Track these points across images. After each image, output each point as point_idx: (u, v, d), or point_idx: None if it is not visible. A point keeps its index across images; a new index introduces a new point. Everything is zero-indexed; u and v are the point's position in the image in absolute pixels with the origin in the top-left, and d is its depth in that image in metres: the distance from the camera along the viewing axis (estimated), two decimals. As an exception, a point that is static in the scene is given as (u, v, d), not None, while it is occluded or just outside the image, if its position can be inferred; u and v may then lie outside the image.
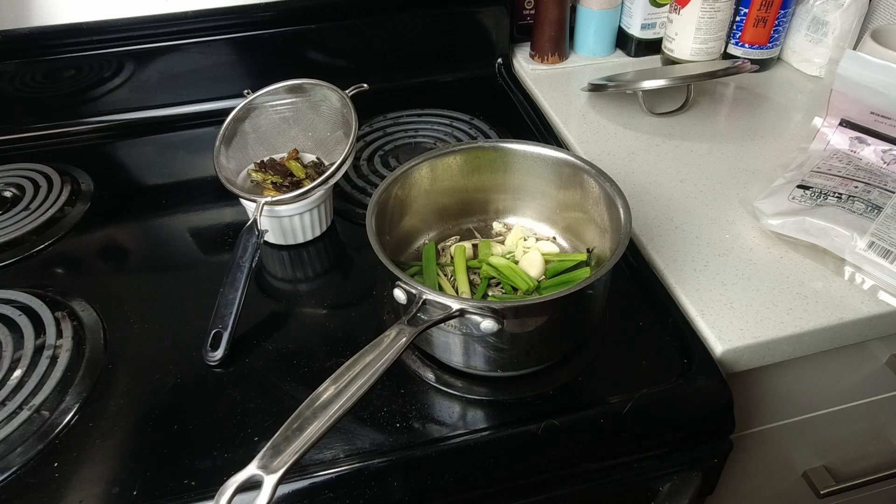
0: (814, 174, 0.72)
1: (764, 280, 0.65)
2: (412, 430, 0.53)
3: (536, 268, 0.63)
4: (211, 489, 0.44)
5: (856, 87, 0.73)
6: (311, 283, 0.69)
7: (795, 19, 0.96)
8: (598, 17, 1.00)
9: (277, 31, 0.91)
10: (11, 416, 0.54)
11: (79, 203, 0.78)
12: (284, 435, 0.41)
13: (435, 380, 0.57)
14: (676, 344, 0.60)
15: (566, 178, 0.64)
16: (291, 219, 0.69)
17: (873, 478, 0.84)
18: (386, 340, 0.46)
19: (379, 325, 0.62)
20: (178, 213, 0.77)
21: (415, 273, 0.64)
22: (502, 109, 0.96)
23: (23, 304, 0.64)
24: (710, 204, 0.74)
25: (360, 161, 0.85)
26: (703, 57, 0.95)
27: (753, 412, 0.72)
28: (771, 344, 0.60)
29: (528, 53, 1.05)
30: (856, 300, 0.62)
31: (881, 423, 0.83)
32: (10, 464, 0.51)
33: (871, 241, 0.62)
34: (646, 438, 0.56)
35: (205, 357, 0.58)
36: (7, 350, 0.59)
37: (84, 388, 0.57)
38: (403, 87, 0.99)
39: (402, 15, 0.95)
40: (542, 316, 0.52)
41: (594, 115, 0.91)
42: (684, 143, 0.85)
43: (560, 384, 0.57)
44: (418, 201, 0.65)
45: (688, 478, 0.58)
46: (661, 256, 0.68)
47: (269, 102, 0.76)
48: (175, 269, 0.70)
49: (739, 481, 0.83)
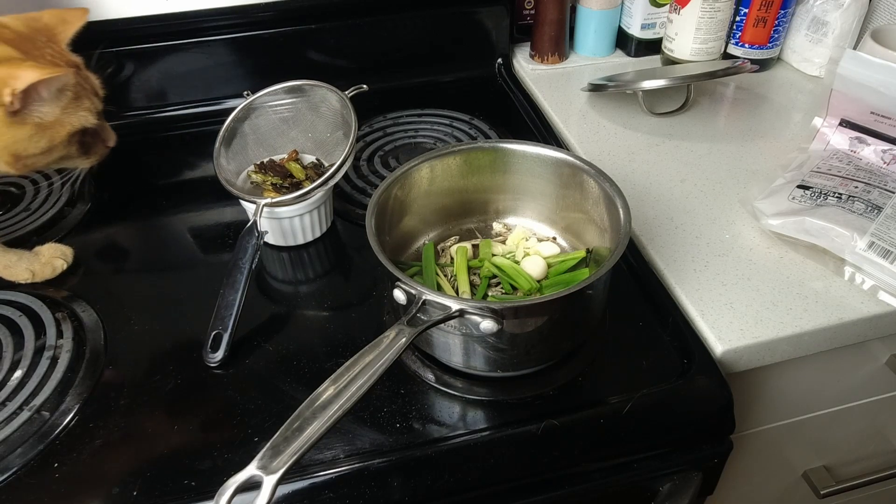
0: (814, 174, 0.72)
1: (764, 280, 0.65)
2: (412, 430, 0.53)
3: (538, 269, 0.63)
4: (211, 489, 0.44)
5: (856, 87, 0.73)
6: (312, 284, 0.69)
7: (795, 19, 0.96)
8: (598, 17, 1.00)
9: (277, 31, 0.91)
10: (12, 417, 0.54)
11: (79, 203, 0.78)
12: (284, 435, 0.41)
13: (435, 380, 0.57)
14: (676, 344, 0.60)
15: (566, 179, 0.64)
16: (291, 220, 0.69)
17: (873, 478, 0.84)
18: (385, 341, 0.46)
19: (379, 326, 0.62)
20: (179, 213, 0.77)
21: (415, 273, 0.64)
22: (502, 109, 0.96)
23: (23, 305, 0.64)
24: (710, 204, 0.74)
25: (360, 161, 0.85)
26: (703, 57, 0.95)
27: (753, 412, 0.72)
28: (771, 344, 0.60)
29: (528, 53, 1.05)
30: (856, 300, 0.62)
31: (881, 423, 0.83)
32: (11, 464, 0.51)
33: (871, 241, 0.62)
34: (646, 438, 0.56)
35: (205, 358, 0.58)
36: (7, 351, 0.60)
37: (84, 389, 0.57)
38: (403, 87, 0.99)
39: (402, 15, 0.95)
40: (541, 316, 0.52)
41: (594, 115, 0.91)
42: (684, 143, 0.85)
43: (560, 384, 0.57)
44: (418, 202, 0.65)
45: (688, 478, 0.58)
46: (661, 256, 0.68)
47: (269, 103, 0.76)
48: (175, 270, 0.70)
49: (739, 481, 0.83)
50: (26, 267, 0.65)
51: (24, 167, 0.57)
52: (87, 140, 0.60)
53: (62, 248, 0.68)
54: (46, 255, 0.67)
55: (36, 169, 0.60)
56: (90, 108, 0.58)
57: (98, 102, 0.60)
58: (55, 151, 0.58)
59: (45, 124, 0.55)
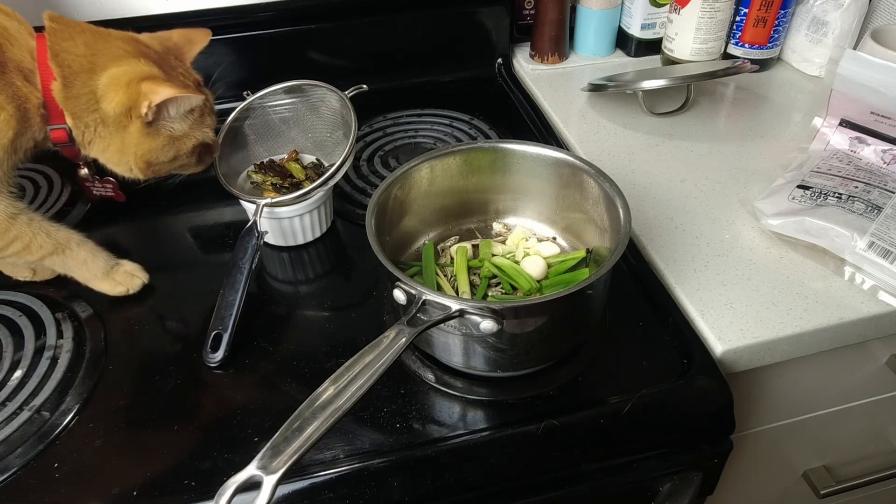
0: (814, 174, 0.72)
1: (764, 280, 0.65)
2: (412, 430, 0.53)
3: (538, 269, 0.63)
4: (211, 489, 0.44)
5: (856, 87, 0.73)
6: (312, 285, 0.69)
7: (795, 19, 0.96)
8: (598, 17, 1.00)
9: (277, 31, 0.91)
10: (12, 417, 0.54)
11: (79, 203, 0.78)
12: (284, 435, 0.41)
13: (435, 380, 0.57)
14: (676, 344, 0.60)
15: (566, 179, 0.64)
16: (291, 220, 0.69)
17: (873, 478, 0.84)
18: (385, 341, 0.46)
19: (379, 326, 0.62)
20: (179, 213, 0.77)
21: (415, 273, 0.64)
22: (502, 109, 0.96)
23: (23, 305, 0.64)
24: (710, 204, 0.74)
25: (360, 161, 0.85)
26: (703, 57, 0.95)
27: (753, 412, 0.72)
28: (771, 344, 0.60)
29: (528, 53, 1.05)
30: (856, 300, 0.62)
31: (881, 423, 0.83)
32: (11, 464, 0.51)
33: (871, 242, 0.62)
34: (646, 438, 0.56)
35: (205, 358, 0.58)
36: (7, 351, 0.60)
37: (84, 389, 0.57)
38: (403, 87, 0.99)
39: (402, 15, 0.95)
40: (541, 316, 0.52)
41: (594, 115, 0.91)
42: (684, 143, 0.85)
43: (560, 384, 0.57)
44: (418, 202, 0.65)
45: (688, 478, 0.58)
46: (661, 256, 0.68)
47: (269, 104, 0.76)
48: (175, 269, 0.70)
49: (739, 481, 0.83)
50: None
51: (153, 173, 0.64)
52: (203, 150, 0.66)
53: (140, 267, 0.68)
54: (128, 268, 0.67)
55: (159, 175, 0.65)
56: (211, 125, 0.65)
57: (215, 119, 0.66)
58: (178, 161, 0.64)
59: (176, 137, 0.62)
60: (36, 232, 0.61)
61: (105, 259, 0.65)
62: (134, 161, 0.61)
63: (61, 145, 0.62)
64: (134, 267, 0.67)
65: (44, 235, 0.61)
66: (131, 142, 0.60)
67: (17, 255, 0.61)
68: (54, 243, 0.62)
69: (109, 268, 0.65)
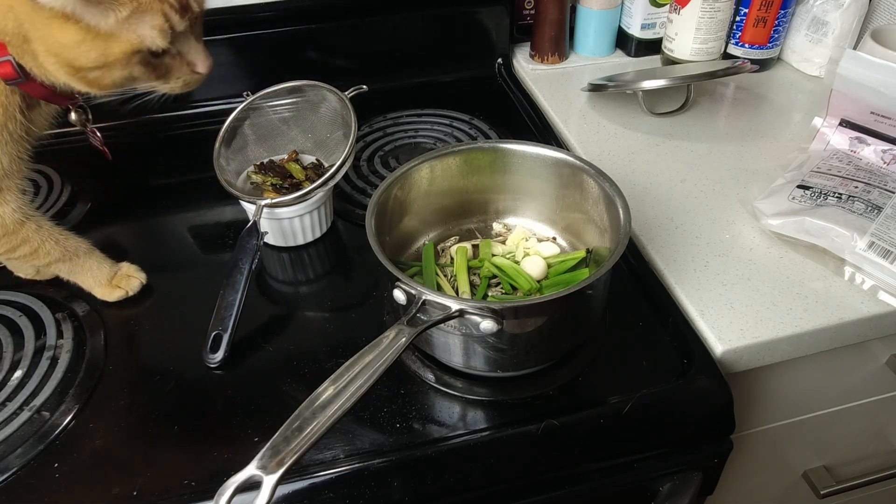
0: (814, 174, 0.72)
1: (764, 280, 0.65)
2: (412, 430, 0.53)
3: (538, 269, 0.63)
4: (211, 489, 0.44)
5: (856, 87, 0.73)
6: (312, 285, 0.69)
7: (795, 19, 0.96)
8: (598, 17, 1.00)
9: (277, 31, 0.91)
10: (12, 417, 0.54)
11: (79, 203, 0.78)
12: (284, 435, 0.41)
13: (435, 380, 0.57)
14: (676, 344, 0.60)
15: (566, 179, 0.64)
16: (291, 220, 0.69)
17: (873, 478, 0.83)
18: (385, 341, 0.46)
19: (379, 327, 0.62)
20: (179, 213, 0.77)
21: (414, 273, 0.64)
22: (502, 109, 0.96)
23: (23, 305, 0.64)
24: (710, 204, 0.74)
25: (360, 162, 0.85)
26: (703, 57, 0.95)
27: (753, 412, 0.72)
28: (771, 344, 0.60)
29: (528, 53, 1.05)
30: (856, 300, 0.62)
31: (881, 423, 0.83)
32: (11, 465, 0.51)
33: (871, 242, 0.62)
34: (646, 439, 0.56)
35: (205, 359, 0.58)
36: (7, 351, 0.60)
37: (84, 389, 0.57)
38: (403, 87, 0.99)
39: (402, 15, 0.95)
40: (541, 316, 0.52)
41: (594, 115, 0.91)
42: (684, 143, 0.85)
43: (560, 384, 0.57)
44: (418, 202, 0.65)
45: (688, 478, 0.58)
46: (661, 256, 0.68)
47: (269, 104, 0.76)
48: (175, 270, 0.70)
49: (739, 481, 0.83)
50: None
51: (90, 83, 0.52)
52: (163, 62, 0.53)
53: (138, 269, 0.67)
54: (125, 270, 0.67)
55: (107, 89, 0.53)
56: (158, 27, 0.50)
57: (177, 20, 0.52)
58: (114, 69, 0.51)
59: (95, 33, 0.49)
60: (45, 239, 0.60)
61: (109, 267, 0.65)
62: (60, 64, 0.50)
63: (13, 82, 0.53)
64: (130, 268, 0.66)
65: (52, 243, 0.60)
66: (46, 38, 0.49)
67: (25, 258, 0.60)
68: (62, 251, 0.61)
69: (112, 274, 0.65)
